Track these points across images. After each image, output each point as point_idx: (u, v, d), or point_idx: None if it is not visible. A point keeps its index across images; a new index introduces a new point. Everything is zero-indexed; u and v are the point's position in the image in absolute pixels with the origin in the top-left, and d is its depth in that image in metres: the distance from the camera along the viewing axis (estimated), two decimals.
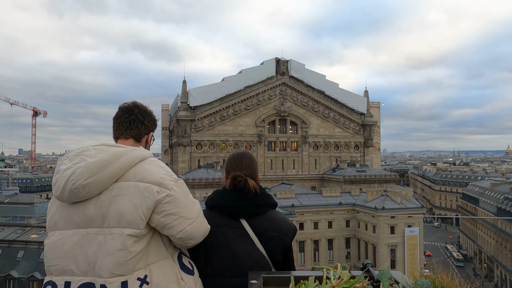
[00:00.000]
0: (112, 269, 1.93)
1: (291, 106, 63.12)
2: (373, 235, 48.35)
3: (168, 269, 2.07)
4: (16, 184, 72.46)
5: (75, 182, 1.98)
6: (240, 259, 2.34)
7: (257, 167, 2.71)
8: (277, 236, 2.43)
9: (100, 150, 2.07)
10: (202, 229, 2.21)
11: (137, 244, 1.98)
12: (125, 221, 1.96)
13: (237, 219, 2.44)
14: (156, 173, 2.07)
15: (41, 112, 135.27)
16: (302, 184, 61.33)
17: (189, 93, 59.44)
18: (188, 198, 2.17)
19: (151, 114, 2.47)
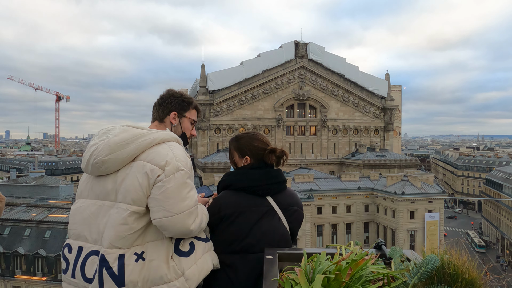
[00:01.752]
0: (113, 241, 2.07)
1: (310, 90, 62.49)
2: (392, 220, 48.07)
3: (162, 248, 2.14)
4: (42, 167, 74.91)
5: (96, 157, 2.14)
6: (269, 234, 2.44)
7: None
8: (298, 210, 2.60)
9: (124, 130, 2.19)
10: (179, 227, 2.08)
11: (138, 221, 2.08)
12: (130, 198, 2.08)
13: (264, 196, 2.52)
14: (163, 156, 2.11)
15: (64, 97, 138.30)
16: (321, 168, 61.15)
17: (207, 77, 59.56)
18: (178, 191, 2.09)
19: (173, 95, 2.53)
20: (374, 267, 1.47)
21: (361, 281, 1.36)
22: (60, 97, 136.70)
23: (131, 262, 2.05)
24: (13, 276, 34.14)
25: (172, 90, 2.56)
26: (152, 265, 2.09)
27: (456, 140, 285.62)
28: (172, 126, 2.50)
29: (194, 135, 2.65)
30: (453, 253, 1.47)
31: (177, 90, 2.61)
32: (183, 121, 2.54)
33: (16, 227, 35.82)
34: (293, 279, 1.43)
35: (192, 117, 2.60)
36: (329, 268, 1.40)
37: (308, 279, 1.40)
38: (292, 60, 62.42)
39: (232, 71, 61.11)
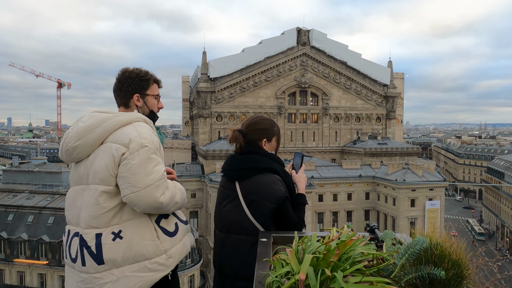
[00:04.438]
0: (88, 221, 2.18)
1: (312, 77, 62.15)
2: (393, 208, 48.31)
3: (142, 226, 2.21)
4: (44, 154, 75.20)
5: (67, 144, 2.26)
6: (225, 216, 2.65)
7: (270, 134, 2.77)
8: (257, 200, 2.54)
9: (91, 116, 2.29)
10: (147, 200, 2.11)
11: (109, 200, 2.19)
12: (99, 178, 2.17)
13: (233, 181, 2.66)
14: (127, 135, 2.19)
15: (65, 84, 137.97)
16: (322, 156, 61.22)
17: (209, 64, 59.22)
18: (143, 166, 2.13)
19: (129, 76, 2.47)
20: (364, 248, 1.50)
21: (349, 261, 1.39)
22: (62, 84, 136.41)
23: (108, 241, 2.16)
24: (16, 261, 34.61)
25: (127, 70, 2.51)
26: (132, 243, 2.18)
27: (459, 129, 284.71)
28: (138, 108, 2.51)
29: (161, 107, 2.66)
30: (441, 235, 1.50)
31: (132, 69, 2.53)
32: (147, 100, 2.54)
33: (19, 213, 36.17)
34: (284, 259, 1.47)
35: (155, 93, 2.59)
36: (319, 248, 1.43)
37: (298, 259, 1.43)
38: (294, 47, 61.91)
39: (234, 58, 60.71)
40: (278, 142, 2.83)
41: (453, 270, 1.37)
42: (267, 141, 2.75)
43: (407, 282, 1.40)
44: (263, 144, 2.74)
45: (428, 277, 1.37)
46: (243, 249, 2.54)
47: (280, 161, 2.74)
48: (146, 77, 2.51)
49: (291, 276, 1.37)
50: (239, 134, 2.71)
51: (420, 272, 1.39)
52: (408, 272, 1.42)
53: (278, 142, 2.83)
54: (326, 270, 1.25)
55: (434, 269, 1.37)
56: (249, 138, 2.71)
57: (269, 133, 2.77)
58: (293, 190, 2.72)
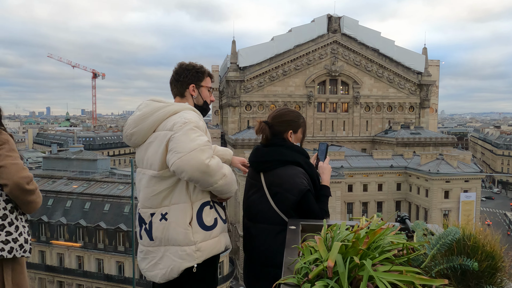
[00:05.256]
0: (143, 202, 2.43)
1: (342, 65, 60.97)
2: (425, 199, 47.09)
3: (182, 213, 2.34)
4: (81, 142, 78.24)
5: (126, 130, 2.50)
6: (252, 206, 2.72)
7: (296, 126, 2.78)
8: (280, 192, 2.59)
9: (146, 104, 2.48)
10: (192, 163, 2.17)
11: (159, 184, 2.34)
12: (150, 163, 2.38)
13: (258, 172, 2.72)
14: (173, 122, 2.33)
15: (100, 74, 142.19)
16: (352, 146, 60.27)
17: (238, 54, 59.25)
18: (187, 135, 2.25)
19: (186, 68, 2.63)
20: (393, 237, 1.49)
21: (378, 250, 1.38)
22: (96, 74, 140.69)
23: (156, 221, 2.36)
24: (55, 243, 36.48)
25: (184, 64, 2.67)
26: (171, 226, 2.33)
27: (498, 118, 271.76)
28: (193, 98, 2.64)
29: (213, 100, 2.80)
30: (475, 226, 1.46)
31: (188, 62, 2.70)
32: (202, 91, 2.68)
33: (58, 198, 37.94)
34: (312, 246, 1.48)
35: (208, 85, 2.73)
36: (348, 236, 1.43)
37: (327, 246, 1.44)
38: (325, 35, 60.82)
39: (263, 46, 60.39)
40: (304, 134, 2.85)
41: (487, 262, 1.34)
42: (292, 132, 2.76)
43: (438, 272, 1.38)
44: (289, 135, 2.75)
45: (460, 268, 1.35)
46: (269, 237, 2.60)
47: (305, 153, 2.75)
48: (202, 70, 2.66)
49: (320, 263, 1.39)
50: (265, 125, 2.73)
51: (452, 263, 1.36)
52: (439, 262, 1.40)
53: (304, 133, 2.84)
54: (355, 258, 1.26)
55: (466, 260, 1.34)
56: (275, 130, 2.73)
57: (295, 124, 2.78)
58: (317, 182, 2.73)
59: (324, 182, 2.81)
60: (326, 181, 2.82)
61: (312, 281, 1.33)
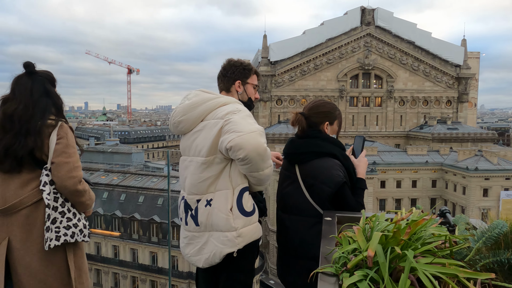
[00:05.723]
0: (190, 188, 2.50)
1: (376, 58, 59.48)
2: (462, 197, 45.36)
3: (224, 199, 2.40)
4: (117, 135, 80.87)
5: (174, 118, 2.57)
6: (286, 198, 2.72)
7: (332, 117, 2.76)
8: (315, 184, 2.57)
9: (196, 94, 2.55)
10: (252, 143, 2.24)
11: (205, 171, 2.41)
12: (198, 151, 2.45)
13: (292, 164, 2.72)
14: (225, 111, 2.40)
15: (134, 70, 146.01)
16: (386, 141, 58.85)
17: (269, 48, 59.06)
18: (244, 119, 2.33)
19: (234, 64, 2.70)
20: (435, 229, 1.45)
21: (419, 241, 1.35)
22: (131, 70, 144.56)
23: (202, 206, 2.43)
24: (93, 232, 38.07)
25: (232, 60, 2.73)
26: (213, 212, 2.40)
27: None
28: (238, 94, 2.69)
29: (258, 98, 2.83)
30: None
31: (236, 59, 2.76)
32: (247, 87, 2.72)
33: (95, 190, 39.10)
34: (350, 236, 1.47)
35: (254, 82, 2.77)
36: (387, 227, 1.40)
37: (366, 237, 1.42)
38: (358, 28, 59.50)
39: (294, 40, 59.87)
40: (339, 126, 2.83)
41: None
42: (329, 124, 2.74)
43: (484, 266, 1.33)
44: (325, 127, 2.73)
45: (508, 263, 1.30)
46: (304, 229, 2.60)
47: (341, 145, 2.73)
48: (249, 67, 2.72)
49: (358, 253, 1.37)
50: (301, 116, 2.72)
51: (498, 257, 1.31)
52: (484, 256, 1.35)
53: (339, 126, 2.83)
54: (396, 248, 1.23)
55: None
56: (311, 121, 2.72)
57: (331, 116, 2.76)
58: (353, 175, 2.70)
59: (360, 175, 2.77)
60: (362, 174, 2.79)
61: (350, 271, 1.32)
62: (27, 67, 2.42)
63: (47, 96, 2.42)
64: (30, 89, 2.37)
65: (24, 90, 2.36)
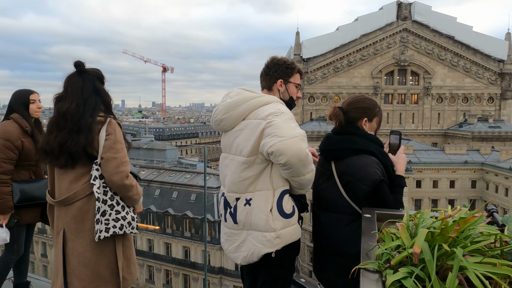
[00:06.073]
0: (230, 186, 2.51)
1: (412, 54, 57.62)
2: (504, 199, 43.20)
3: (264, 199, 2.39)
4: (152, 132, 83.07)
5: (216, 116, 2.57)
6: (322, 195, 2.68)
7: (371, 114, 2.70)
8: (352, 181, 2.51)
9: (238, 93, 2.54)
10: (293, 148, 2.23)
11: (246, 170, 2.41)
12: (239, 150, 2.44)
13: (328, 161, 2.67)
14: (267, 111, 2.38)
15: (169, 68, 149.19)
16: (422, 140, 56.97)
17: (302, 45, 58.59)
18: (286, 123, 2.31)
19: (277, 63, 2.67)
20: (484, 227, 1.39)
21: (468, 240, 1.30)
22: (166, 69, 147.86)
23: (241, 205, 2.44)
24: None
25: (276, 58, 2.70)
26: (253, 211, 2.40)
27: None
28: (280, 93, 2.67)
29: (300, 97, 2.79)
30: None
31: (280, 57, 2.73)
32: (289, 86, 2.69)
33: None
34: (394, 233, 1.43)
35: (297, 81, 2.73)
36: (433, 224, 1.36)
37: (410, 234, 1.39)
38: (394, 23, 57.84)
39: (327, 37, 59.04)
40: (379, 124, 2.77)
41: None
42: (367, 120, 2.68)
43: None
44: (363, 123, 2.67)
45: None
46: (340, 227, 2.56)
47: (379, 141, 2.66)
48: (292, 66, 2.69)
49: (402, 250, 1.34)
50: (340, 111, 2.68)
51: None
52: None
53: (379, 123, 2.77)
54: (444, 245, 1.19)
55: None
56: (349, 116, 2.67)
57: (370, 112, 2.70)
58: (391, 172, 2.63)
59: (398, 172, 2.69)
60: (400, 171, 2.71)
61: (394, 268, 1.29)
62: (77, 66, 2.54)
63: (97, 94, 2.54)
64: (81, 88, 2.49)
65: (75, 89, 2.48)
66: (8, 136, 3.16)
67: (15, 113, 3.34)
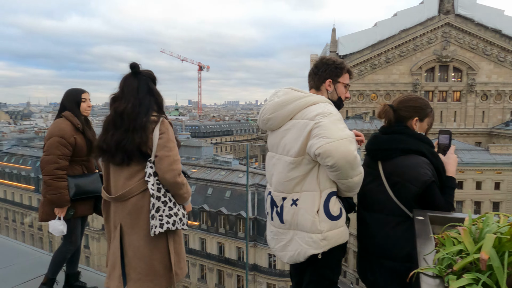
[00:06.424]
0: (276, 186, 2.50)
1: (455, 50, 55.18)
2: None
3: (311, 200, 2.36)
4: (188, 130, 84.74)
5: (263, 115, 2.57)
6: (369, 195, 2.59)
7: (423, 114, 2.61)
8: (400, 182, 2.43)
9: (286, 92, 2.52)
10: (341, 150, 2.18)
11: (293, 171, 2.39)
12: (287, 150, 2.43)
13: (375, 161, 2.59)
14: (315, 112, 2.35)
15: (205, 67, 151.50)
16: (465, 139, 54.52)
17: (338, 42, 57.64)
18: (334, 124, 2.27)
19: (326, 63, 2.65)
20: None
21: None
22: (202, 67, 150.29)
23: (288, 205, 2.43)
24: None
25: (325, 58, 2.68)
26: (300, 212, 2.39)
27: None
28: (328, 93, 2.63)
29: (348, 97, 2.75)
30: None
31: (329, 57, 2.71)
32: (338, 87, 2.65)
33: None
34: (455, 237, 1.38)
35: (345, 81, 2.69)
36: (500, 229, 1.29)
37: (474, 239, 1.32)
38: (435, 17, 55.62)
39: (364, 33, 57.70)
40: (430, 125, 2.67)
41: None
42: (418, 120, 2.59)
43: None
44: (414, 123, 2.59)
45: None
46: (387, 228, 2.49)
47: (429, 142, 2.56)
48: (341, 66, 2.66)
49: (465, 255, 1.28)
50: (390, 108, 2.61)
51: None
52: None
53: (430, 125, 2.67)
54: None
55: None
56: (399, 115, 2.59)
57: (422, 112, 2.60)
58: (442, 173, 2.52)
59: (449, 173, 2.59)
60: (451, 172, 2.60)
61: (457, 273, 1.24)
62: (133, 68, 2.65)
63: (150, 94, 2.64)
64: (136, 89, 2.60)
65: (131, 89, 2.60)
66: (63, 133, 3.34)
67: (66, 111, 3.50)
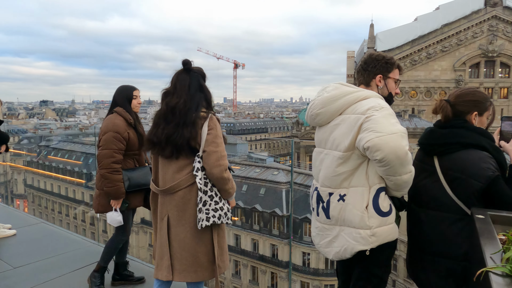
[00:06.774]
0: (323, 181, 2.48)
1: (503, 44, 52.31)
2: None
3: (359, 196, 2.31)
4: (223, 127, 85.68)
5: (312, 110, 2.55)
6: (423, 191, 2.50)
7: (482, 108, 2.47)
8: (461, 178, 2.30)
9: (335, 87, 2.49)
10: (391, 145, 2.12)
11: (341, 166, 2.35)
12: (336, 145, 2.40)
13: (430, 156, 2.50)
14: (367, 106, 2.30)
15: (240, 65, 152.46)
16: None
17: (376, 37, 56.19)
18: (386, 118, 2.21)
19: (376, 58, 2.60)
20: None
21: None
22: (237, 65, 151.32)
23: (334, 200, 2.40)
24: None
25: (374, 54, 2.65)
26: (347, 207, 2.35)
27: None
28: (379, 88, 2.59)
29: (398, 93, 2.69)
30: None
31: (378, 52, 2.67)
32: (388, 82, 2.60)
33: None
34: None
35: (396, 77, 2.64)
36: None
37: None
38: (481, 10, 52.95)
39: (404, 28, 55.87)
40: (491, 120, 2.52)
41: None
42: (477, 115, 2.46)
43: None
44: (473, 117, 2.46)
45: None
46: (443, 226, 2.39)
47: (490, 136, 2.42)
48: (391, 61, 2.63)
49: None
50: (447, 104, 2.50)
51: None
52: None
53: (491, 119, 2.52)
54: None
55: None
56: (457, 110, 2.47)
57: (481, 106, 2.47)
58: (505, 168, 2.37)
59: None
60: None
61: None
62: (185, 64, 2.72)
63: (201, 91, 2.71)
64: (188, 85, 2.67)
65: (183, 85, 2.67)
66: (117, 128, 3.48)
67: (118, 106, 3.64)
